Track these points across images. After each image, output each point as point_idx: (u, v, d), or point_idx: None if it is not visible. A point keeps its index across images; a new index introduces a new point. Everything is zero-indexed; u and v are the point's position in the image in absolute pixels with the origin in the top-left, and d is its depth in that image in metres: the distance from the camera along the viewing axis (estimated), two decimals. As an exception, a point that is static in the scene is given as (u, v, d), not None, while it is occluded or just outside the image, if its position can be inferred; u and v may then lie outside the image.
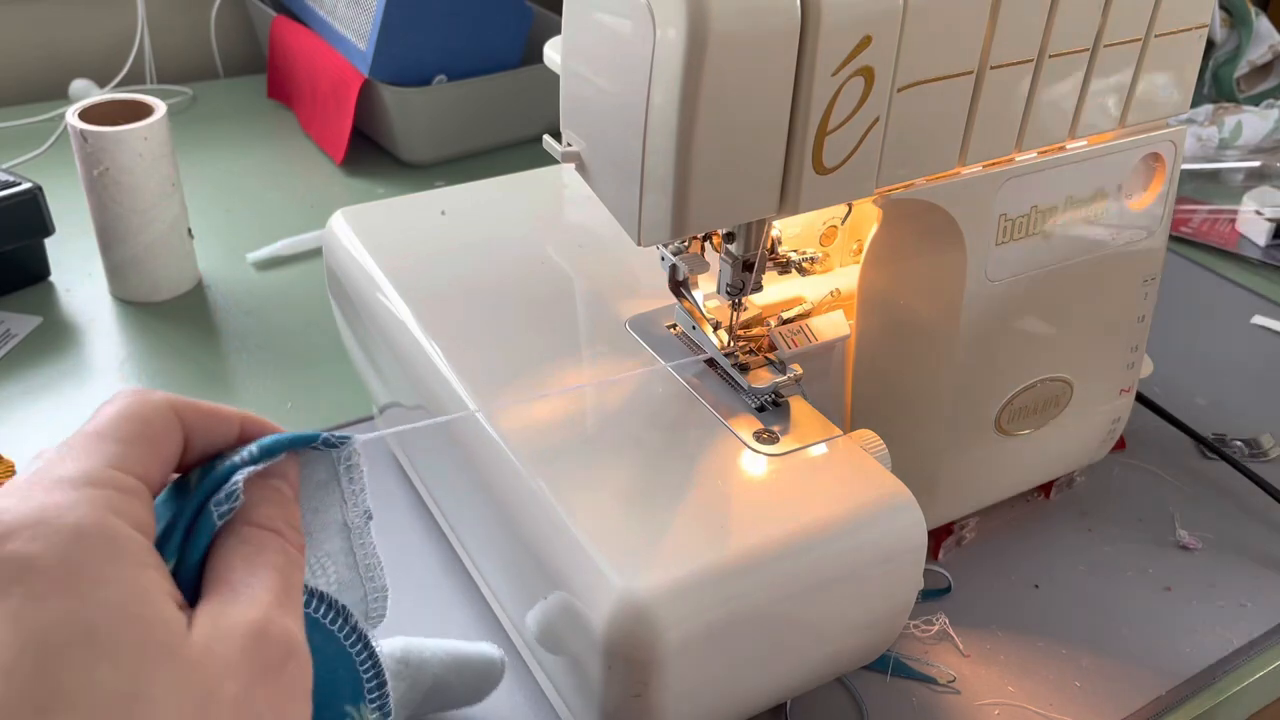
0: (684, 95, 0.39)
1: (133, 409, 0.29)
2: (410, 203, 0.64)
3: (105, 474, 0.27)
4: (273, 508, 0.30)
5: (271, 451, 0.31)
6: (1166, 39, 0.51)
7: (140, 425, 0.29)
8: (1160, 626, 0.57)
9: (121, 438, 0.28)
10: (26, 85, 1.18)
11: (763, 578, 0.41)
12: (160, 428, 0.29)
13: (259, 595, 0.28)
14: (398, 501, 0.63)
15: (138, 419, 0.29)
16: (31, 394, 0.73)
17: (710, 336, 0.51)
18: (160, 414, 0.29)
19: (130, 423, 0.29)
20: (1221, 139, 1.09)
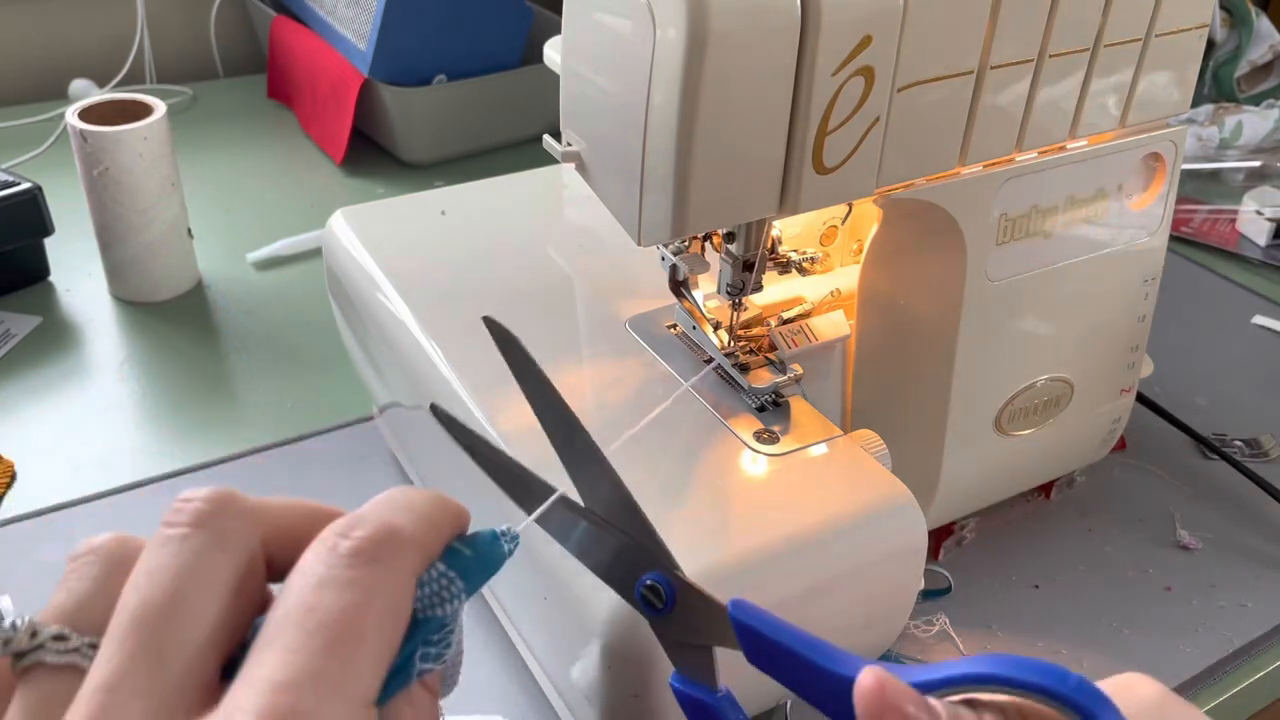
0: (684, 95, 0.39)
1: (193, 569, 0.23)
2: (410, 203, 0.64)
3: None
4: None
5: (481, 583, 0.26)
6: (1167, 39, 0.51)
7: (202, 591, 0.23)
8: (1160, 626, 0.57)
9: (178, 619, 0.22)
10: (26, 85, 1.18)
11: (763, 578, 0.41)
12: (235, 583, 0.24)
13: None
14: (397, 501, 0.63)
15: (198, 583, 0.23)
16: (31, 394, 0.73)
17: (710, 336, 0.51)
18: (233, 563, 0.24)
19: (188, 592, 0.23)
20: (1222, 139, 1.09)
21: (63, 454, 0.67)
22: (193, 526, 0.24)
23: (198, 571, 0.23)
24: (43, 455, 0.67)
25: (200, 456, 0.67)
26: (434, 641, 0.25)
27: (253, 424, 0.70)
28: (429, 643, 0.24)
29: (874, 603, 0.45)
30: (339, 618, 0.22)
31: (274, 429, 0.70)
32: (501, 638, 0.54)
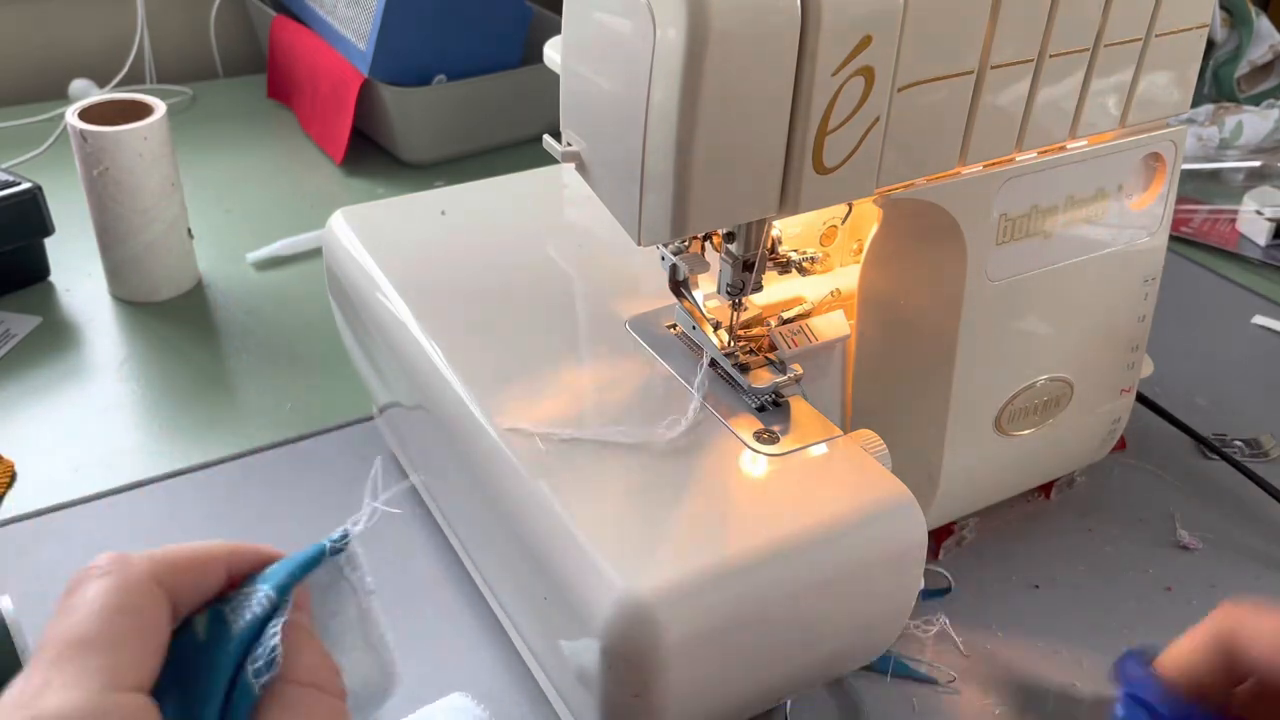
0: (684, 95, 0.39)
1: (117, 599, 0.25)
2: (410, 203, 0.64)
3: (95, 710, 0.23)
4: (307, 656, 0.28)
5: (286, 587, 0.28)
6: (1167, 39, 0.51)
7: (128, 619, 0.25)
8: (1160, 626, 0.57)
9: (110, 643, 0.24)
10: (26, 85, 1.18)
11: (763, 578, 0.41)
12: (150, 613, 0.26)
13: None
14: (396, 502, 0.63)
15: (124, 611, 0.25)
16: (31, 394, 0.73)
17: (710, 336, 0.51)
18: (146, 595, 0.26)
19: (116, 619, 0.25)
20: (1222, 139, 1.09)
21: (63, 454, 0.67)
22: (101, 574, 0.26)
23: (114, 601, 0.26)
24: (43, 455, 0.67)
25: (200, 456, 0.67)
26: (259, 656, 0.27)
27: (253, 424, 0.70)
28: (255, 658, 0.27)
29: (874, 603, 0.45)
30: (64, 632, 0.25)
31: (274, 429, 0.70)
32: (501, 637, 0.54)
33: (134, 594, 0.26)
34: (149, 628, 0.26)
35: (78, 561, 0.61)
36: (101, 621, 0.25)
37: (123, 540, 0.61)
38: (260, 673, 0.26)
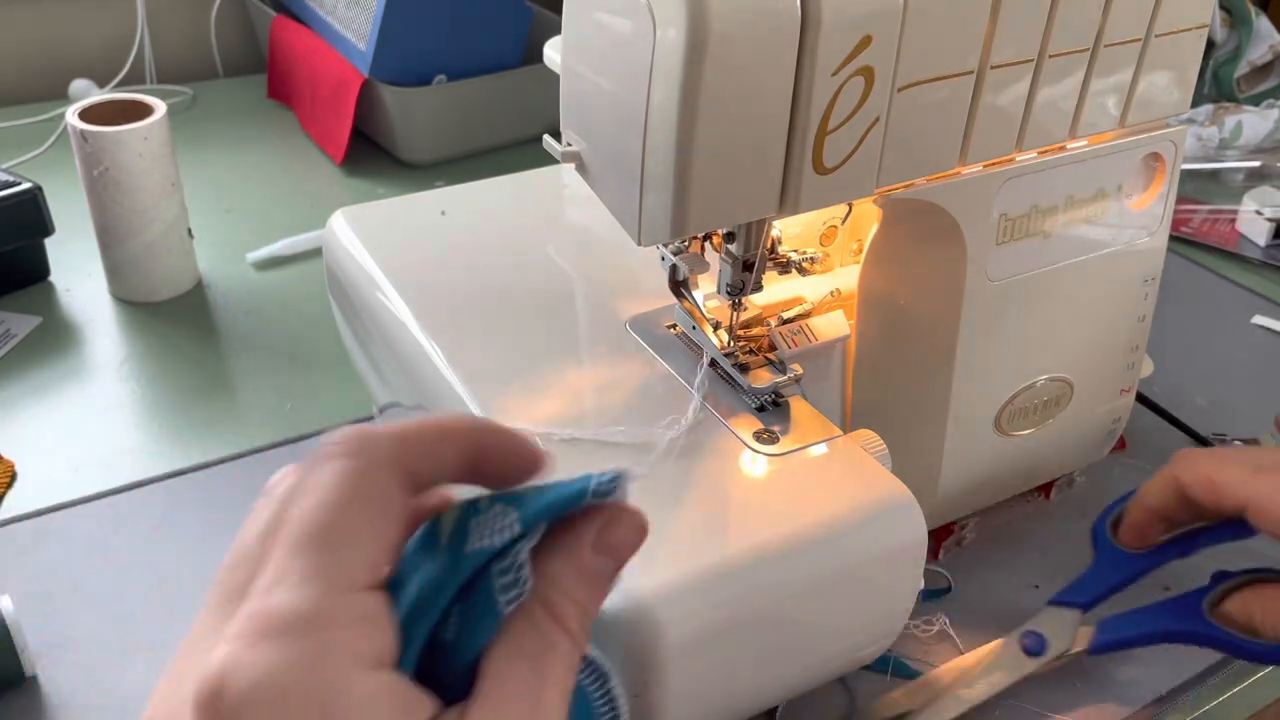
0: (684, 95, 0.39)
1: (357, 487, 0.24)
2: (410, 203, 0.64)
3: (325, 612, 0.22)
4: (571, 595, 0.25)
5: (533, 523, 0.26)
6: (1167, 39, 0.51)
7: (363, 509, 0.24)
8: (1160, 626, 0.57)
9: (341, 538, 0.23)
10: (26, 85, 1.18)
11: (763, 578, 0.41)
12: (391, 504, 0.24)
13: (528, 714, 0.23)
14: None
15: (365, 500, 0.24)
16: (31, 394, 0.73)
17: (710, 336, 0.51)
18: (387, 484, 0.24)
19: (356, 508, 0.24)
20: (1222, 139, 1.09)
21: (63, 454, 0.67)
22: (343, 454, 0.25)
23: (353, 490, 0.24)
24: (43, 455, 0.67)
25: (200, 456, 0.67)
26: (504, 571, 0.25)
27: (253, 424, 0.70)
28: (503, 572, 0.25)
29: (874, 602, 0.45)
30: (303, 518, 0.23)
31: (274, 429, 0.70)
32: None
33: (375, 482, 0.24)
34: (388, 520, 0.24)
35: (78, 561, 0.61)
36: (341, 512, 0.24)
37: (122, 540, 0.61)
38: (507, 588, 0.25)
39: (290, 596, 0.22)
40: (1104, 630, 0.52)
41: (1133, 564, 0.53)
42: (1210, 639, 0.49)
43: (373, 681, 0.22)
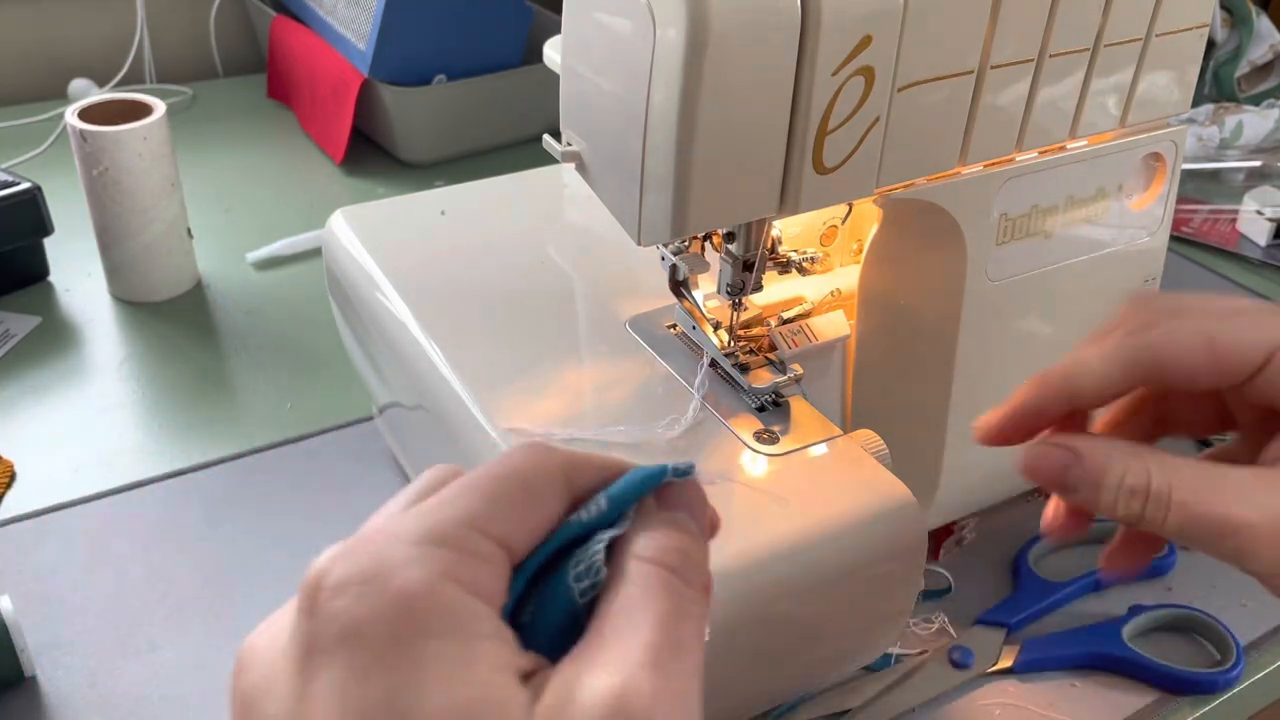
0: (684, 95, 0.39)
1: (519, 467, 0.26)
2: (410, 203, 0.64)
3: (455, 533, 0.24)
4: (667, 538, 0.26)
5: (622, 500, 0.26)
6: (1167, 38, 0.51)
7: (519, 485, 0.26)
8: (1161, 627, 0.57)
9: (493, 494, 0.25)
10: (26, 85, 1.18)
11: (763, 578, 0.41)
12: (542, 492, 0.26)
13: (627, 654, 0.23)
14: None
15: (518, 477, 0.26)
16: (31, 394, 0.73)
17: (710, 336, 0.51)
18: (547, 477, 0.26)
19: (509, 481, 0.26)
20: (1222, 139, 1.09)
21: (63, 454, 0.67)
22: (530, 447, 0.27)
23: (529, 472, 0.26)
24: (43, 455, 0.67)
25: (200, 456, 0.67)
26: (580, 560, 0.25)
27: (253, 424, 0.70)
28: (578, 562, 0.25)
29: (874, 602, 0.45)
30: (477, 476, 0.26)
31: (274, 429, 0.70)
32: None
33: (537, 471, 0.26)
34: (536, 502, 0.26)
35: (78, 562, 0.61)
36: (492, 479, 0.25)
37: (122, 540, 0.61)
38: (581, 577, 0.25)
39: (432, 519, 0.24)
40: (1029, 650, 0.55)
41: (1053, 591, 0.58)
42: (1130, 664, 0.53)
43: (479, 607, 0.23)
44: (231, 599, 0.57)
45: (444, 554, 0.23)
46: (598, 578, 0.25)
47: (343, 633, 0.22)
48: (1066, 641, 0.55)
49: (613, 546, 0.26)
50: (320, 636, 0.22)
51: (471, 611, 0.23)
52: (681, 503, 0.27)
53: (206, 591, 0.58)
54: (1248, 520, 0.31)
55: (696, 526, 0.27)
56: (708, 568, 0.26)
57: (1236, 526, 0.31)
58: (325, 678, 0.22)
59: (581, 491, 0.27)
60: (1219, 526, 0.32)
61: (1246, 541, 0.31)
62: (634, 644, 0.23)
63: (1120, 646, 0.54)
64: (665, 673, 0.23)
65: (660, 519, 0.26)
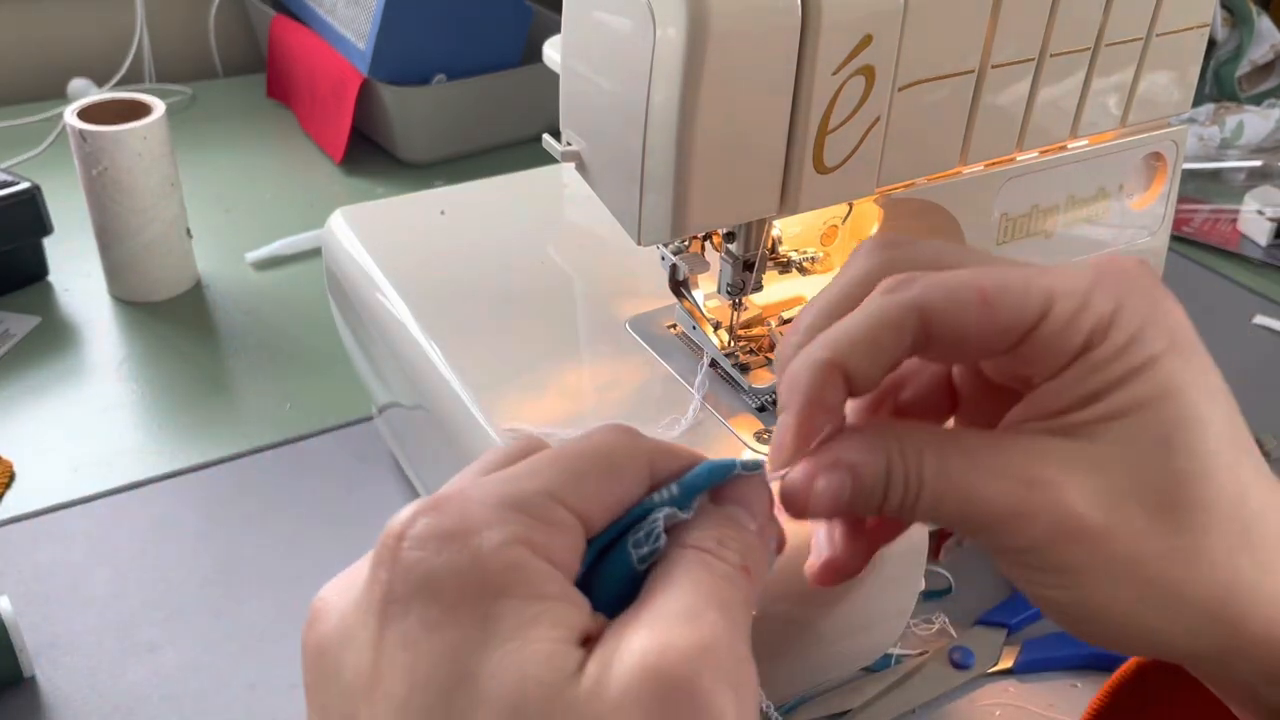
0: (684, 94, 0.39)
1: (605, 445, 0.27)
2: (410, 202, 0.64)
3: (535, 501, 0.25)
4: (710, 529, 0.26)
5: (692, 487, 0.27)
6: (1168, 38, 0.51)
7: (603, 462, 0.26)
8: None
9: (576, 469, 0.26)
10: (24, 84, 1.18)
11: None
12: (624, 471, 0.27)
13: (664, 625, 0.23)
14: (395, 502, 0.63)
15: (603, 455, 0.27)
16: (30, 394, 0.72)
17: (710, 336, 0.51)
18: (631, 458, 0.27)
19: (593, 458, 0.26)
20: (1223, 138, 1.09)
21: (62, 454, 0.67)
22: (619, 426, 0.28)
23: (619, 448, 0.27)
24: (42, 455, 0.67)
25: (199, 456, 0.67)
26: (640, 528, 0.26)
27: (252, 424, 0.70)
28: (638, 543, 0.26)
29: (874, 603, 0.45)
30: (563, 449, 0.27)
31: (273, 429, 0.70)
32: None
33: (621, 450, 0.27)
34: (616, 480, 0.26)
35: (77, 562, 0.61)
36: (579, 453, 0.26)
37: (122, 540, 0.61)
38: (640, 543, 0.26)
39: (519, 486, 0.25)
40: (1030, 650, 0.54)
41: None
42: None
43: (548, 570, 0.24)
44: (231, 599, 0.57)
45: (521, 519, 0.24)
46: (657, 544, 0.26)
47: (419, 583, 0.23)
48: (1067, 642, 0.55)
49: (670, 533, 0.26)
50: (397, 586, 0.23)
51: (541, 574, 0.24)
52: (740, 497, 0.28)
53: (206, 591, 0.58)
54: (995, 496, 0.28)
55: (750, 519, 0.27)
56: (753, 555, 0.27)
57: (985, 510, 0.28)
58: (398, 628, 0.23)
59: (662, 477, 0.27)
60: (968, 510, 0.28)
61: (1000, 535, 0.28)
62: (671, 605, 0.24)
63: None
64: (701, 627, 0.23)
65: (714, 513, 0.27)
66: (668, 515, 0.26)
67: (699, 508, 0.27)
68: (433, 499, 0.25)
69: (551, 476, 0.25)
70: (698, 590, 0.24)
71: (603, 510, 0.26)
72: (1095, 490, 0.27)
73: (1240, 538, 0.28)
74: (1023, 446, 0.28)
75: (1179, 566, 0.27)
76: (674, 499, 0.27)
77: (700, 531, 0.26)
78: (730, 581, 0.25)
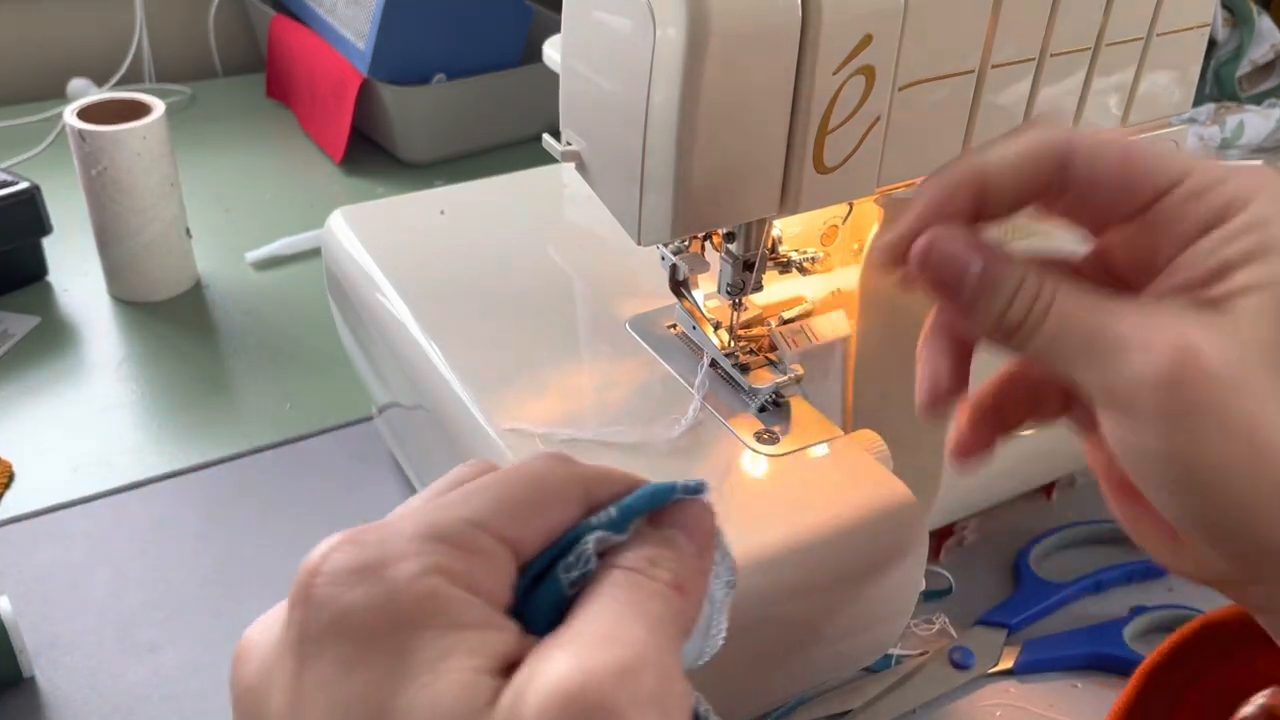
0: (684, 94, 0.38)
1: (536, 472, 0.26)
2: (409, 202, 0.64)
3: (456, 529, 0.24)
4: (643, 549, 0.26)
5: (630, 510, 0.27)
6: (1168, 38, 0.51)
7: (534, 488, 0.26)
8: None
9: (505, 495, 0.25)
10: (24, 84, 1.18)
11: (763, 579, 0.41)
12: (556, 496, 0.26)
13: (581, 646, 0.22)
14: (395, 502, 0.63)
15: (534, 480, 0.26)
16: (30, 394, 0.72)
17: (710, 336, 0.51)
18: (564, 484, 0.26)
19: (523, 484, 0.26)
20: (1223, 138, 1.09)
21: (61, 454, 0.67)
22: (549, 457, 0.28)
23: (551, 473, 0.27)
24: (41, 455, 0.67)
25: (199, 456, 0.67)
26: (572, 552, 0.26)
27: (252, 424, 0.70)
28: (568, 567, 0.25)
29: (875, 603, 0.45)
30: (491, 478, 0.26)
31: (273, 429, 0.70)
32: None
33: (553, 477, 0.26)
34: (546, 506, 0.26)
35: (76, 562, 0.61)
36: (507, 481, 0.26)
37: (122, 540, 0.61)
38: (570, 567, 0.25)
39: (433, 515, 0.25)
40: (1030, 651, 0.55)
41: (1053, 592, 0.58)
42: (1131, 665, 0.52)
43: (466, 599, 0.23)
44: (231, 599, 0.57)
45: (439, 548, 0.24)
46: (586, 568, 0.25)
47: (332, 621, 0.22)
48: (1067, 642, 0.55)
49: (604, 557, 0.26)
50: (310, 625, 0.23)
51: (458, 602, 0.23)
52: (680, 521, 0.27)
53: (206, 591, 0.58)
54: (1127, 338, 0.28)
55: (688, 542, 0.27)
56: (689, 574, 0.26)
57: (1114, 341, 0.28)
58: (315, 669, 0.22)
59: (598, 503, 0.27)
60: (1093, 339, 0.28)
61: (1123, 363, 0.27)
62: (592, 626, 0.23)
63: (1121, 647, 0.54)
64: (623, 647, 0.22)
65: (649, 535, 0.26)
66: (599, 539, 0.26)
67: (635, 531, 0.26)
68: (353, 531, 0.24)
69: (479, 505, 0.25)
70: (622, 609, 0.24)
71: (534, 536, 0.25)
72: (1225, 347, 0.27)
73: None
74: (1158, 308, 0.28)
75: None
76: (610, 521, 0.26)
77: (632, 552, 0.26)
78: (660, 597, 0.24)
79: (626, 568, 0.25)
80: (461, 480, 0.27)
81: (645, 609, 0.24)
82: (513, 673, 0.22)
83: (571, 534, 0.26)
